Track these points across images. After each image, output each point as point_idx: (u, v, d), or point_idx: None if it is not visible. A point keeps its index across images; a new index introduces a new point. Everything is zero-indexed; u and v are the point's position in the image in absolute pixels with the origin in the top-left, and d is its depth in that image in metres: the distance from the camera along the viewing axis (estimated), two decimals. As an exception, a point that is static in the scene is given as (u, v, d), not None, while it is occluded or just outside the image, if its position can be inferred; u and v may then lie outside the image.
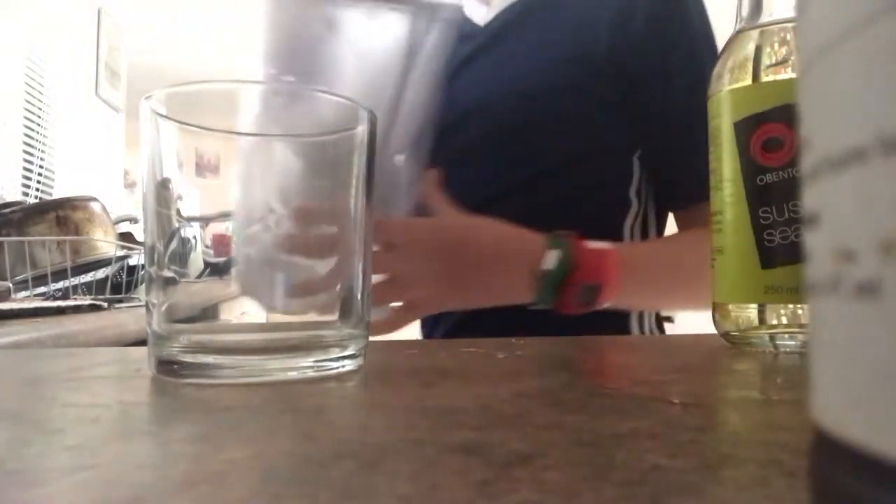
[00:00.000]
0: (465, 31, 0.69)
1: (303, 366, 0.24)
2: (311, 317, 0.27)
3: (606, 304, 0.53)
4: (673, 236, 0.68)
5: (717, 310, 0.33)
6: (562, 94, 0.64)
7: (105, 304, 0.92)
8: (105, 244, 1.12)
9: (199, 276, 0.26)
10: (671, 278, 0.59)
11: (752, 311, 0.31)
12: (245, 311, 0.26)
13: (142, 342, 0.43)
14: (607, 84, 0.63)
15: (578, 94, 0.64)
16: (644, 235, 0.70)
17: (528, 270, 0.51)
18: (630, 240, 0.67)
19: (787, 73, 0.31)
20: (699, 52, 0.61)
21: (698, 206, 0.63)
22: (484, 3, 0.72)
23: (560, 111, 0.64)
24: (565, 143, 0.65)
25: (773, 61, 0.31)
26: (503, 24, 0.69)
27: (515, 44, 0.67)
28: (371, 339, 0.29)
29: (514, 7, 0.69)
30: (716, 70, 0.34)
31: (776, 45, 0.32)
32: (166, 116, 0.25)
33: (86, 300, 0.94)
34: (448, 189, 0.69)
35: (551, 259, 0.50)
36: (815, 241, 0.08)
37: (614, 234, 0.66)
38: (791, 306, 0.30)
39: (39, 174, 2.26)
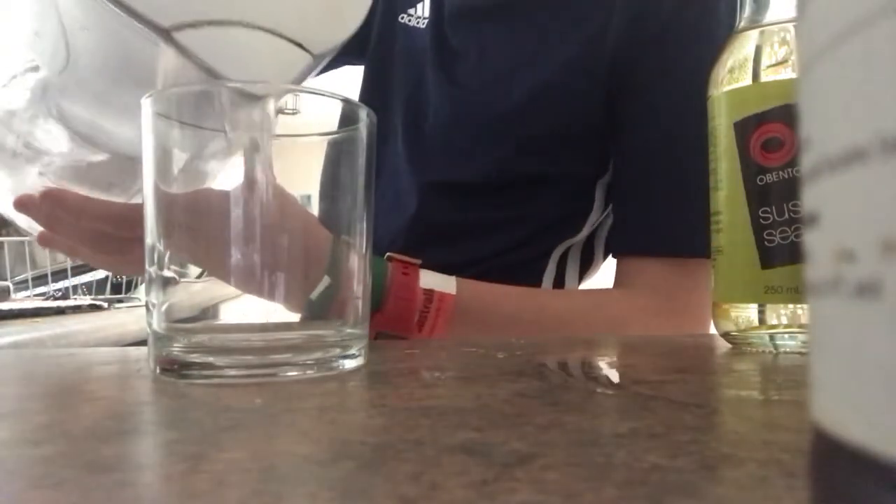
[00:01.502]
0: None
1: (303, 366, 0.24)
2: (311, 316, 0.27)
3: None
4: (560, 292, 0.63)
5: (717, 310, 0.33)
6: (551, 97, 0.59)
7: (105, 304, 0.92)
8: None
9: (199, 276, 0.26)
10: (530, 328, 0.52)
11: (752, 311, 0.31)
12: (245, 312, 0.26)
13: (142, 342, 0.43)
14: (596, 87, 0.57)
15: (565, 99, 0.58)
16: (584, 265, 0.66)
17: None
18: (556, 268, 0.63)
19: (787, 73, 0.31)
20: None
21: (631, 259, 0.58)
22: None
23: (539, 119, 0.59)
24: (527, 154, 0.60)
25: (773, 61, 0.31)
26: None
27: (519, 25, 0.61)
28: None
29: None
30: (715, 70, 0.34)
31: (776, 45, 0.32)
32: (166, 116, 0.25)
33: (86, 300, 0.95)
34: (393, 157, 0.65)
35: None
36: (815, 241, 0.08)
37: (541, 261, 0.63)
38: (791, 306, 0.30)
39: (39, 174, 2.26)
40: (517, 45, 0.61)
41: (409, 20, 0.69)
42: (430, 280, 0.47)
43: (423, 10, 0.68)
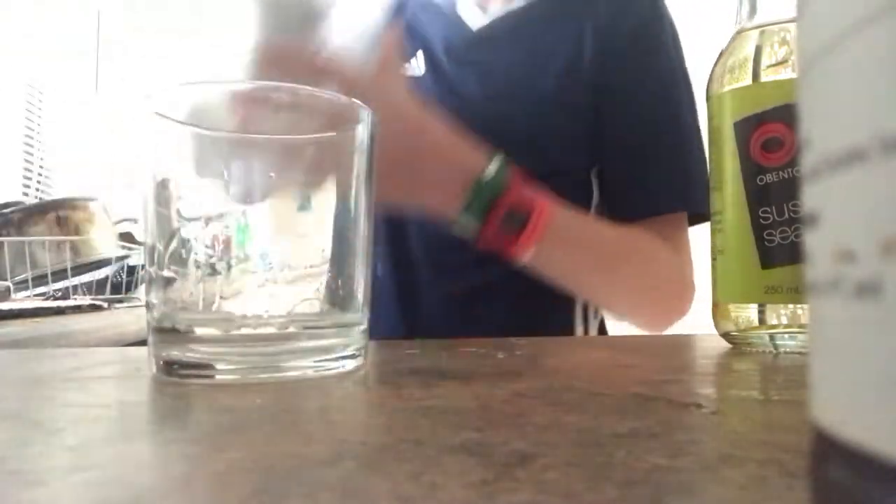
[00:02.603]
0: (457, 34, 0.70)
1: (303, 366, 0.24)
2: (311, 317, 0.27)
3: (525, 252, 0.49)
4: (614, 225, 0.67)
5: (717, 310, 0.33)
6: (548, 107, 0.64)
7: (105, 304, 0.92)
8: (105, 244, 1.13)
9: (199, 276, 0.26)
10: (595, 255, 0.57)
11: (752, 311, 0.31)
12: (245, 312, 0.26)
13: (142, 342, 0.43)
14: (585, 96, 0.65)
15: (562, 108, 0.65)
16: None
17: (463, 179, 0.48)
18: None
19: (787, 73, 0.31)
20: (671, 74, 0.64)
21: (643, 221, 0.63)
22: (481, 8, 0.71)
23: (541, 125, 0.64)
24: (535, 157, 0.63)
25: (773, 61, 0.31)
26: (498, 32, 0.69)
27: (508, 54, 0.68)
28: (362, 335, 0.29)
29: (509, 17, 0.69)
30: (715, 70, 0.34)
31: (776, 45, 0.32)
32: (166, 116, 0.25)
33: (86, 300, 0.95)
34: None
35: (493, 168, 0.47)
36: (815, 241, 0.08)
37: None
38: (791, 306, 0.30)
39: (39, 174, 2.26)
40: (514, 62, 0.67)
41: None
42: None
43: (417, 65, 0.72)
